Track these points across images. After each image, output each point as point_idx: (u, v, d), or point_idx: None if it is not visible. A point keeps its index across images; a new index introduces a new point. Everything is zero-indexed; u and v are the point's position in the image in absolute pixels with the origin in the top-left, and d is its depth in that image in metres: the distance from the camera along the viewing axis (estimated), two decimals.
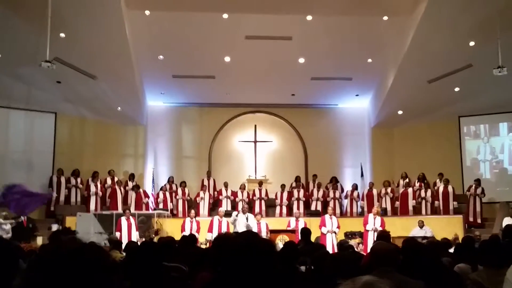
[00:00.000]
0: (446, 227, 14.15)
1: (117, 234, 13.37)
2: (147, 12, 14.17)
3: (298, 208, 16.76)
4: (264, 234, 13.70)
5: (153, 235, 13.80)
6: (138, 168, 18.35)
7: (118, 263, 4.78)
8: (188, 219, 14.77)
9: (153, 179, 17.78)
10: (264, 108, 19.26)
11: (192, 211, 15.28)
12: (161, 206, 16.39)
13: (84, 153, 17.67)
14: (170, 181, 17.64)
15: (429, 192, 16.81)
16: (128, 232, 13.95)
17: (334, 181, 18.01)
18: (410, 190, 16.99)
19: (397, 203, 17.02)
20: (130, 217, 14.21)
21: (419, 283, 3.54)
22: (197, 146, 19.26)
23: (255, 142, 19.20)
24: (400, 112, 17.73)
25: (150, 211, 15.78)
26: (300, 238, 9.26)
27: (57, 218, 15.55)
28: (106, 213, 14.94)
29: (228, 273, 2.12)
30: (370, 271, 3.50)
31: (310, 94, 18.38)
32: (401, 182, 17.41)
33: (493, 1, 12.04)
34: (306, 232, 8.80)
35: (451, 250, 6.96)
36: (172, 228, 14.79)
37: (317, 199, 17.27)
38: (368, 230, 13.93)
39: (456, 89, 16.11)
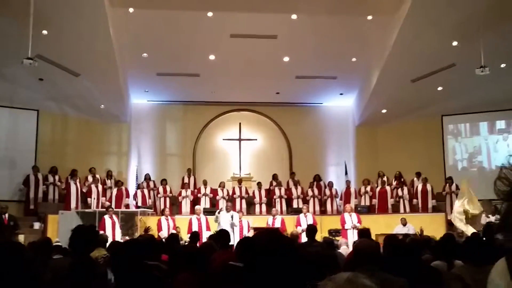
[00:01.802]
0: (429, 225, 14.26)
1: (101, 233, 13.23)
2: (131, 10, 14.10)
3: (280, 206, 16.82)
4: (246, 232, 13.74)
5: (143, 233, 13.70)
6: (121, 166, 18.25)
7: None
8: (163, 218, 14.67)
9: (136, 177, 17.69)
10: (248, 106, 19.27)
11: (166, 209, 15.17)
12: (139, 203, 16.28)
13: (67, 151, 17.52)
14: (147, 178, 17.55)
15: (405, 190, 16.99)
16: (112, 230, 13.85)
17: (317, 178, 18.07)
18: (388, 188, 17.11)
19: (374, 201, 17.14)
20: (113, 215, 14.10)
21: (401, 280, 3.57)
22: (181, 144, 19.21)
23: (240, 140, 19.20)
24: (384, 111, 17.85)
25: (134, 209, 15.69)
26: (306, 235, 9.16)
27: (39, 216, 15.41)
28: (89, 211, 14.83)
29: (255, 274, 2.10)
30: (353, 269, 3.52)
31: (295, 93, 18.42)
32: (379, 180, 17.54)
33: (475, 1, 12.16)
34: (311, 229, 8.60)
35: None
36: (155, 226, 14.70)
37: (298, 197, 17.31)
38: (347, 229, 14.04)
39: (439, 88, 16.26)
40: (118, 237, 13.42)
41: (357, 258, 3.68)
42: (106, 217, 13.92)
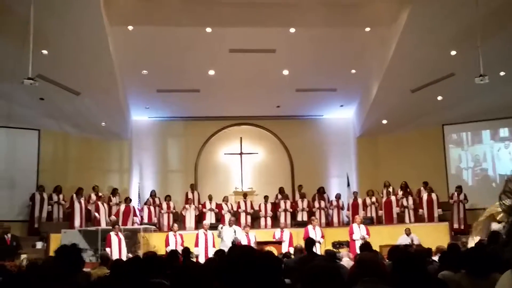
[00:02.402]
0: (432, 234, 14.21)
1: (108, 250, 13.15)
2: (130, 28, 14.18)
3: (285, 219, 16.77)
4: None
5: (139, 251, 13.66)
6: (123, 183, 18.23)
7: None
8: (171, 233, 14.61)
9: (138, 194, 17.66)
10: (249, 120, 19.28)
11: (175, 225, 15.15)
12: (146, 220, 16.25)
13: (69, 170, 17.51)
14: (153, 195, 17.52)
15: (410, 200, 16.93)
16: (119, 247, 13.76)
17: (321, 191, 18.03)
18: (393, 198, 17.06)
19: (380, 212, 17.07)
20: (119, 232, 14.03)
21: None
22: (183, 159, 19.20)
23: (241, 154, 19.18)
24: (384, 122, 17.84)
25: (136, 226, 15.64)
26: (304, 247, 9.17)
27: (42, 235, 15.36)
28: (91, 229, 14.77)
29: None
30: (355, 282, 3.49)
31: (295, 106, 18.44)
32: (384, 191, 17.49)
33: (473, 10, 12.19)
34: (309, 242, 8.64)
35: (435, 258, 7.00)
36: (158, 243, 14.66)
37: (302, 210, 17.26)
38: (355, 240, 13.97)
39: (439, 97, 16.26)
40: (124, 255, 13.33)
41: (359, 270, 3.65)
42: (112, 234, 13.76)
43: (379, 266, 3.61)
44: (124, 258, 12.17)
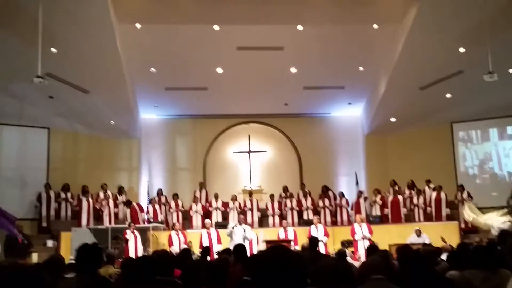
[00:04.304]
0: (442, 234, 14.15)
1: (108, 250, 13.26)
2: (138, 26, 14.21)
3: (292, 218, 16.76)
4: (255, 244, 13.69)
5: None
6: (132, 181, 18.31)
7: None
8: (173, 233, 14.57)
9: (148, 192, 17.70)
10: (257, 118, 19.28)
11: (177, 224, 15.14)
12: (151, 218, 16.28)
13: (78, 168, 17.61)
14: (159, 193, 17.53)
15: (421, 199, 16.84)
16: (135, 245, 13.86)
17: (326, 189, 18.01)
18: (400, 197, 16.98)
19: (386, 210, 16.98)
20: (135, 230, 14.10)
21: None
22: (191, 157, 19.24)
23: (249, 152, 19.19)
24: (393, 120, 17.79)
25: (146, 224, 15.69)
26: (308, 246, 9.20)
27: (53, 233, 15.45)
28: (101, 227, 14.85)
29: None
30: (363, 282, 3.49)
31: (303, 103, 18.42)
32: (391, 189, 17.42)
33: (482, 7, 12.13)
34: (313, 241, 8.70)
35: (444, 257, 6.99)
36: (167, 241, 14.67)
37: (307, 208, 17.24)
38: (357, 240, 13.94)
39: (448, 95, 16.19)
40: (140, 253, 13.44)
41: (364, 270, 3.65)
42: (129, 231, 13.96)
43: (384, 264, 3.59)
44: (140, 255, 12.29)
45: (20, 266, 2.72)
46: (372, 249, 7.03)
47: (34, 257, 12.93)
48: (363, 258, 11.23)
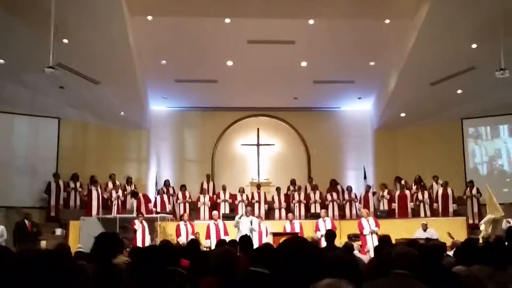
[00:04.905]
0: (449, 229, 14.12)
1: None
2: (149, 18, 14.25)
3: (299, 211, 16.80)
4: (264, 237, 13.73)
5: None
6: (141, 172, 18.41)
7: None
8: (182, 223, 14.67)
9: (156, 183, 17.79)
10: (266, 112, 19.30)
11: (185, 215, 15.21)
12: (158, 209, 16.37)
13: (88, 158, 17.73)
14: (167, 184, 17.61)
15: (426, 194, 16.82)
16: (142, 235, 14.00)
17: (334, 183, 18.02)
18: (407, 192, 16.96)
19: (394, 205, 16.97)
20: (143, 220, 14.23)
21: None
22: (200, 149, 19.30)
23: (258, 145, 19.23)
24: (403, 115, 17.74)
25: (154, 215, 15.79)
26: (325, 240, 9.10)
27: (61, 222, 15.60)
28: (110, 216, 14.96)
29: (282, 280, 2.21)
30: (373, 276, 3.50)
31: (313, 97, 18.41)
32: (397, 185, 17.39)
33: (495, 3, 12.06)
34: (330, 234, 8.47)
35: (450, 253, 7.00)
36: (174, 232, 14.75)
37: (315, 202, 17.27)
38: (365, 235, 13.93)
39: (459, 91, 16.12)
40: (148, 242, 13.58)
41: (393, 262, 3.56)
42: (137, 222, 14.10)
43: (411, 259, 3.53)
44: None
45: (44, 250, 2.72)
46: (384, 239, 6.99)
47: (43, 245, 13.07)
48: (371, 252, 11.23)
